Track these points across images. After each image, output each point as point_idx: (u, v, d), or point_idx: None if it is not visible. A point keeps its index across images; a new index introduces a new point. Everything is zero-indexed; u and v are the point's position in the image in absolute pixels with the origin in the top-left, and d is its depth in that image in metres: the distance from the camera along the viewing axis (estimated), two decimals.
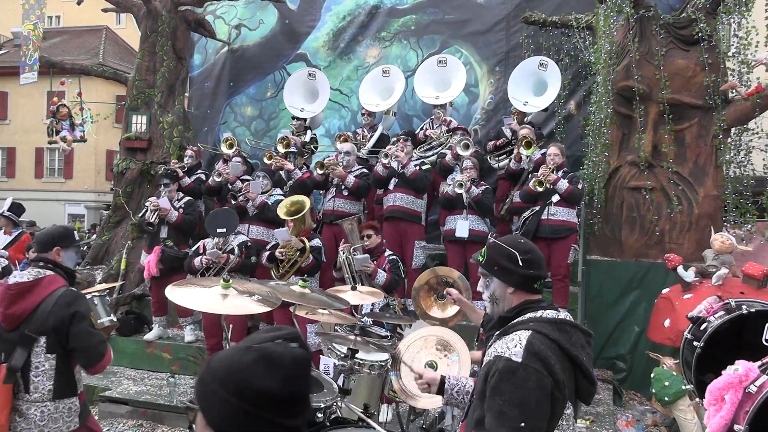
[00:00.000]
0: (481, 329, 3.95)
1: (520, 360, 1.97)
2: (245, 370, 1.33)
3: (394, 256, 5.95)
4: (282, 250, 5.89)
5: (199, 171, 8.29)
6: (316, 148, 8.48)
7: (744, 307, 4.10)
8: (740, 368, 2.91)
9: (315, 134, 8.76)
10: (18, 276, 3.24)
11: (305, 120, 8.64)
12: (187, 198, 7.34)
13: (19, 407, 3.13)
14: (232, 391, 1.32)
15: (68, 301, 3.17)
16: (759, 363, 2.99)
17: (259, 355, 1.34)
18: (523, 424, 1.91)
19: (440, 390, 2.54)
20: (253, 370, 1.33)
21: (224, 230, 5.97)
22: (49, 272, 3.25)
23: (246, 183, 7.09)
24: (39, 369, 3.14)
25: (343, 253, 5.80)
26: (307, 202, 5.99)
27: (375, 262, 5.75)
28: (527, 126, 7.31)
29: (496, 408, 1.97)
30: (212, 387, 1.35)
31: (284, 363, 1.35)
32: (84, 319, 3.21)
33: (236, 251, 6.11)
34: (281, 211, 5.99)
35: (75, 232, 3.59)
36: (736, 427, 2.78)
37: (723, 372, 3.04)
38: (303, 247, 5.87)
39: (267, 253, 6.10)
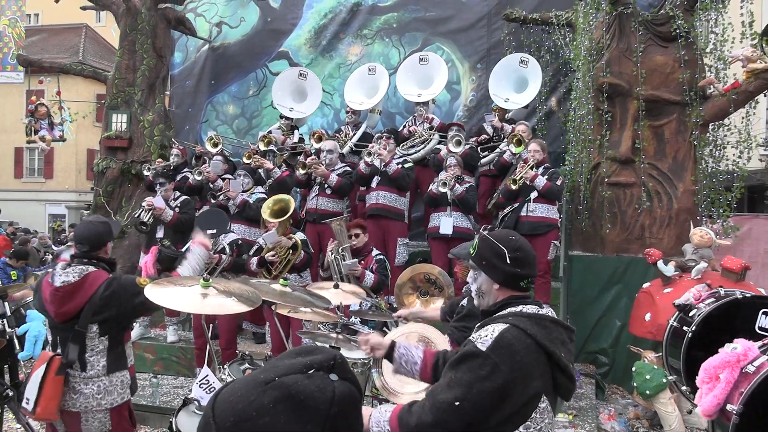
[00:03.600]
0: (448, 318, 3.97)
1: (484, 349, 2.01)
2: (261, 417, 0.96)
3: (382, 256, 5.91)
4: (272, 252, 5.84)
5: (185, 169, 8.25)
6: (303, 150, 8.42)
7: (738, 292, 4.05)
8: (739, 347, 2.77)
9: (302, 135, 8.74)
10: (63, 275, 3.24)
11: (292, 119, 8.61)
12: (184, 197, 7.26)
13: (75, 385, 3.24)
14: None
15: (113, 291, 3.23)
16: (760, 343, 2.83)
17: (281, 395, 0.97)
18: (457, 403, 1.97)
19: (388, 356, 2.54)
20: (272, 417, 0.95)
21: (214, 231, 5.84)
22: (92, 268, 3.31)
23: (226, 181, 7.05)
24: (94, 350, 3.27)
25: (332, 253, 5.77)
26: (291, 200, 5.92)
27: (362, 262, 5.72)
28: (524, 122, 7.31)
29: (446, 380, 2.07)
30: None
31: (318, 408, 0.97)
32: (133, 295, 3.24)
33: (227, 250, 5.99)
34: (265, 214, 5.90)
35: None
36: (728, 407, 2.66)
37: (719, 350, 2.90)
38: (294, 244, 5.83)
39: (255, 259, 6.03)
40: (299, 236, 6.00)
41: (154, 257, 6.83)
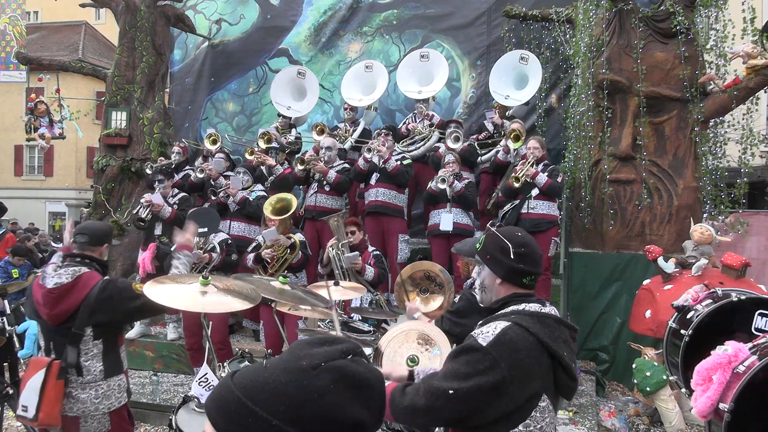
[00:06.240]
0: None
1: (484, 344, 2.00)
2: (324, 396, 1.01)
3: (378, 252, 5.98)
4: (269, 250, 5.84)
5: (187, 167, 8.25)
6: (299, 149, 8.41)
7: (734, 294, 4.04)
8: (730, 348, 2.81)
9: (300, 133, 8.72)
10: (56, 276, 3.19)
11: (290, 118, 8.59)
12: (182, 194, 7.27)
13: (72, 390, 3.21)
14: (304, 427, 1.01)
15: (109, 295, 3.21)
16: (750, 345, 2.89)
17: (339, 376, 1.04)
18: (451, 392, 1.98)
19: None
20: (335, 396, 1.02)
21: (205, 230, 5.85)
22: (85, 269, 3.27)
23: (226, 180, 7.04)
24: (89, 354, 3.23)
25: (333, 249, 5.77)
26: (293, 200, 5.92)
27: (360, 257, 5.76)
28: (518, 120, 7.31)
29: (444, 369, 2.09)
30: (267, 423, 1.00)
31: (373, 386, 1.07)
32: (129, 299, 3.22)
33: (217, 249, 5.98)
34: (267, 210, 5.90)
35: None
36: (721, 405, 2.71)
37: (712, 353, 2.95)
38: (292, 244, 5.82)
39: (252, 255, 6.03)
40: (299, 237, 6.01)
41: (152, 254, 6.83)
